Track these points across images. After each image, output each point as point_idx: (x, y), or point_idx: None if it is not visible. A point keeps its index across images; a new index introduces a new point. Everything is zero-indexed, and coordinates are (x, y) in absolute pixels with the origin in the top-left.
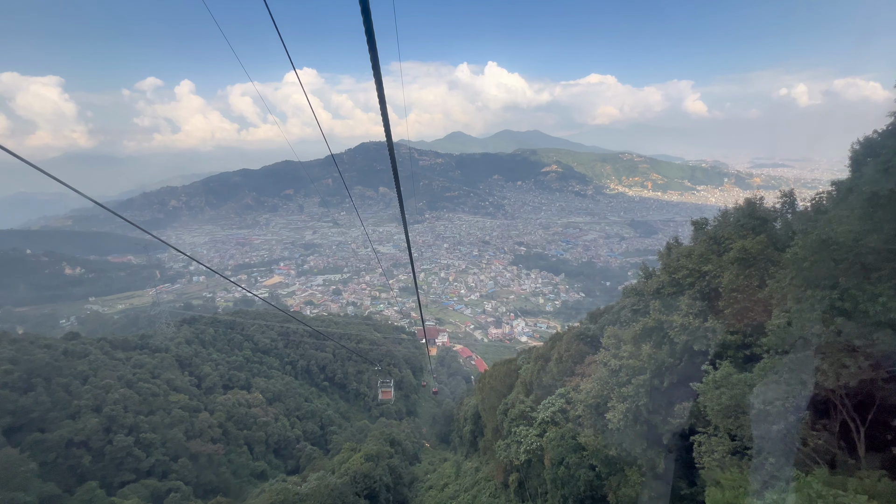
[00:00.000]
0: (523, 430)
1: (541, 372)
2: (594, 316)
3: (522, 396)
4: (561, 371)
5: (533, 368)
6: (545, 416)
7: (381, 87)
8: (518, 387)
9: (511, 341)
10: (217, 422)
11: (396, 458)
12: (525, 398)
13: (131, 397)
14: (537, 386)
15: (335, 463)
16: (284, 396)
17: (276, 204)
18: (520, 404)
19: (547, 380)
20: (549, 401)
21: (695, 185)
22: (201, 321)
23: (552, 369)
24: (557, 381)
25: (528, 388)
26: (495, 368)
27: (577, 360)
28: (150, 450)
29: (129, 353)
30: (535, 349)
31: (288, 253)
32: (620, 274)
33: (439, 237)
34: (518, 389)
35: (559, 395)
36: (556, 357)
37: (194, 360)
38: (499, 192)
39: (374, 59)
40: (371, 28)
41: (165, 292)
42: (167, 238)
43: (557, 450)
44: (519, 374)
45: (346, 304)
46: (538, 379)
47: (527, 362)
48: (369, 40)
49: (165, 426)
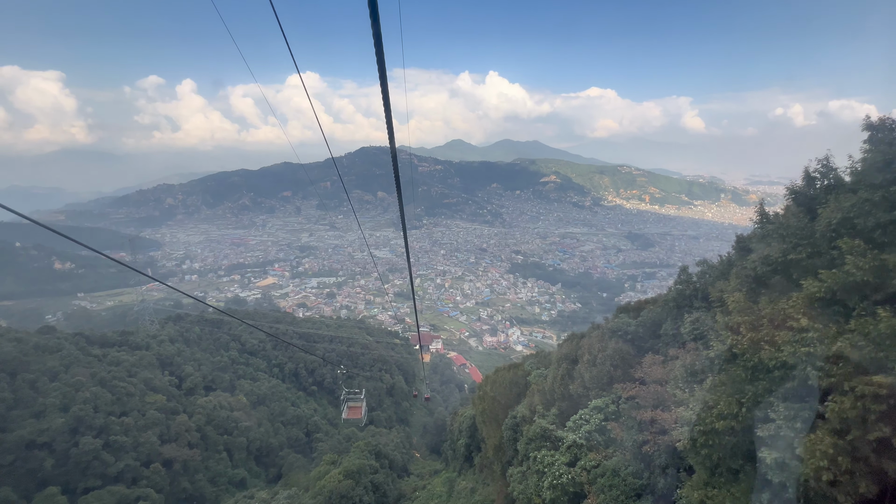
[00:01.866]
0: (547, 457)
1: (565, 378)
2: (629, 310)
3: (541, 408)
4: (595, 377)
5: (554, 373)
6: (577, 437)
7: (387, 93)
8: (531, 396)
9: (506, 350)
10: (196, 425)
11: (381, 473)
12: (546, 411)
13: (103, 396)
14: (561, 396)
15: (311, 478)
16: (270, 400)
17: (274, 205)
18: (540, 419)
19: (576, 388)
20: (582, 416)
21: (692, 199)
22: (187, 319)
23: (582, 374)
24: (591, 389)
25: (548, 398)
26: (498, 375)
27: (617, 364)
28: (120, 454)
29: (107, 350)
30: (552, 351)
31: (283, 254)
32: (617, 285)
33: (436, 243)
34: (532, 400)
35: (595, 408)
36: (586, 359)
37: (176, 360)
38: (497, 200)
39: (381, 65)
40: (379, 34)
41: (156, 290)
42: (161, 236)
43: (612, 493)
44: (528, 382)
45: (340, 308)
46: (562, 387)
47: (537, 367)
48: (377, 46)
49: (139, 429)
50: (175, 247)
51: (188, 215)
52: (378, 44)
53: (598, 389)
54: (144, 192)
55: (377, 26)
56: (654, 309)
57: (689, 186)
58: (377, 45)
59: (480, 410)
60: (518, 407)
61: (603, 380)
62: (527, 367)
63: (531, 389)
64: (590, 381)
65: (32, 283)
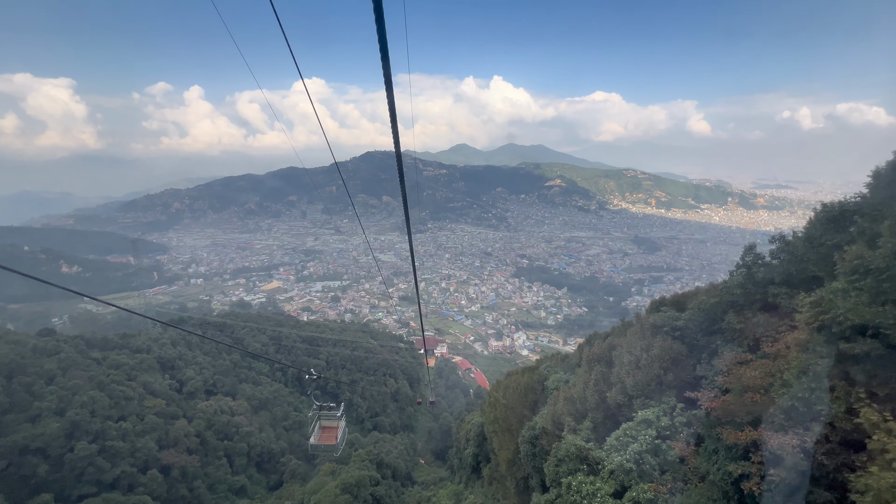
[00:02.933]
0: (585, 484)
1: (599, 384)
2: (665, 304)
3: (570, 421)
4: (640, 382)
5: (584, 378)
6: (624, 459)
7: (392, 98)
8: (553, 405)
9: (512, 354)
10: (195, 430)
11: (383, 485)
12: (577, 424)
13: (101, 400)
14: (595, 406)
15: (307, 491)
16: (272, 405)
17: (280, 210)
18: (571, 435)
19: (615, 396)
20: (627, 431)
21: (698, 203)
22: (190, 322)
23: (622, 379)
24: (634, 397)
25: (578, 408)
26: (511, 380)
27: (667, 366)
28: (117, 459)
29: (107, 353)
30: (571, 354)
31: (288, 258)
32: (624, 289)
33: (441, 247)
34: (555, 409)
35: (643, 422)
36: (626, 360)
37: (178, 363)
38: (502, 204)
39: (387, 70)
40: (384, 40)
41: (161, 294)
42: (168, 240)
43: None
44: (546, 387)
45: (344, 312)
46: (596, 395)
47: (554, 370)
48: (382, 52)
49: (136, 433)
50: (181, 251)
51: (195, 219)
52: (384, 49)
53: (644, 398)
54: (152, 197)
55: (383, 32)
56: (708, 300)
57: (695, 190)
58: (383, 51)
59: (491, 419)
60: (536, 417)
61: (650, 386)
62: (543, 371)
63: (553, 397)
64: (633, 387)
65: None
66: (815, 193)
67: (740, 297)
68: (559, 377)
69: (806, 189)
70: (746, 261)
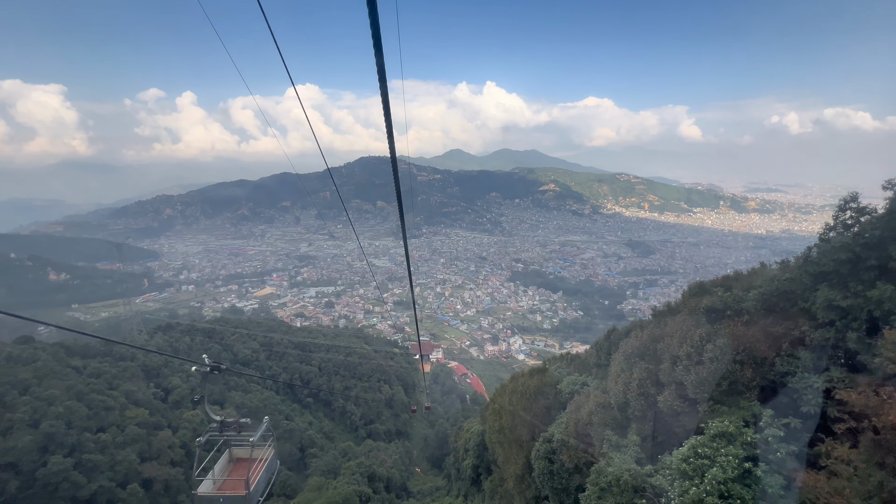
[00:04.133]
0: None
1: (646, 384)
2: (706, 291)
3: (612, 435)
4: (706, 381)
5: (625, 379)
6: (702, 492)
7: (387, 104)
8: (576, 412)
9: (508, 359)
10: (180, 441)
11: (375, 500)
12: (620, 439)
13: (78, 411)
14: (640, 415)
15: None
16: (262, 413)
17: (273, 215)
18: (615, 454)
19: (669, 401)
20: (697, 449)
21: (691, 207)
22: (177, 329)
23: (678, 378)
24: (700, 402)
25: (617, 417)
26: (518, 383)
27: (742, 359)
28: (94, 474)
29: (88, 361)
30: (585, 352)
31: (282, 264)
32: (619, 293)
33: (436, 252)
34: (578, 416)
35: (718, 435)
36: (684, 353)
37: (163, 371)
38: (496, 209)
39: (382, 76)
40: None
41: (152, 301)
42: (160, 246)
43: None
44: (560, 392)
45: (339, 317)
46: (640, 399)
47: (568, 372)
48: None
49: (116, 446)
50: (173, 257)
51: (187, 226)
52: (378, 55)
53: (713, 402)
54: (143, 203)
55: (377, 37)
56: (780, 276)
57: (687, 194)
58: (378, 57)
59: (497, 428)
60: (552, 427)
61: (720, 386)
62: (554, 372)
63: (574, 402)
64: (695, 387)
65: (27, 293)
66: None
67: (843, 266)
68: (574, 380)
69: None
70: (842, 219)
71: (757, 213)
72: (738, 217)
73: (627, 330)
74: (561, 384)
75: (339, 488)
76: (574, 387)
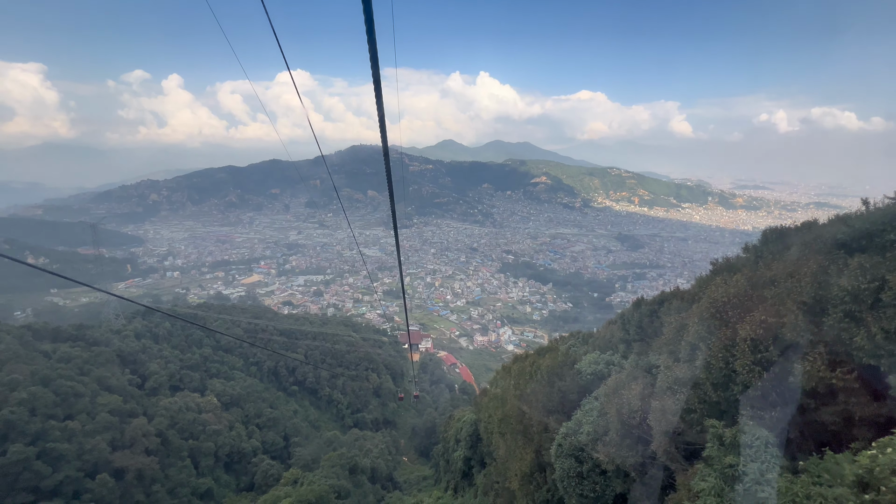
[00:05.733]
0: None
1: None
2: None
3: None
4: None
5: (720, 341)
6: None
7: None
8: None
9: (497, 349)
10: (155, 429)
11: (355, 496)
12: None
13: (43, 397)
14: (760, 389)
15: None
16: (244, 401)
17: (262, 203)
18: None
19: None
20: None
21: (680, 202)
22: (157, 314)
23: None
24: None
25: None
26: (524, 364)
27: None
28: (60, 463)
29: (57, 345)
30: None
31: (270, 252)
32: (608, 285)
33: (427, 242)
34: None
35: None
36: (842, 296)
37: (140, 357)
38: (488, 200)
39: (375, 64)
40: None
41: (135, 286)
42: (144, 232)
43: None
44: (580, 373)
45: (327, 306)
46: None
47: (587, 349)
48: (370, 44)
49: (85, 434)
50: (158, 243)
51: (173, 212)
52: (372, 42)
53: None
54: (127, 188)
55: (371, 25)
56: None
57: (677, 189)
58: (371, 44)
59: (498, 417)
60: (578, 415)
61: None
62: (567, 352)
63: (611, 385)
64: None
65: (3, 278)
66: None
67: None
68: (597, 358)
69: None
70: None
71: (744, 209)
72: (725, 213)
73: (661, 298)
74: (580, 364)
75: (314, 483)
76: (597, 366)
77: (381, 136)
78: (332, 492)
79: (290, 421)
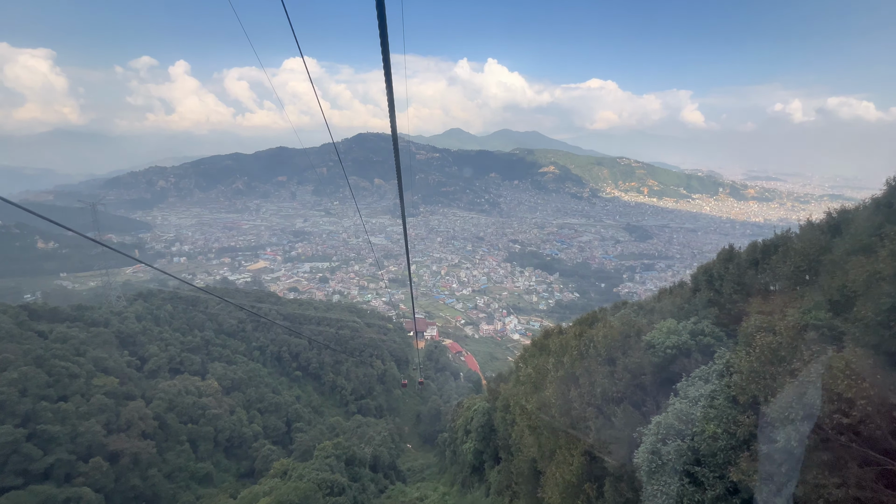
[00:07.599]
0: None
1: None
2: None
3: None
4: None
5: None
6: None
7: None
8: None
9: (503, 338)
10: (153, 413)
11: (350, 492)
12: None
13: (35, 377)
14: None
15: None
16: (246, 386)
17: (268, 190)
18: None
19: None
20: None
21: (690, 193)
22: (159, 296)
23: None
24: None
25: None
26: (566, 338)
27: None
28: (51, 446)
29: (54, 325)
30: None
31: (276, 239)
32: (615, 276)
33: (433, 231)
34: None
35: None
36: None
37: (140, 339)
38: (495, 189)
39: (385, 50)
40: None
41: (142, 272)
42: (152, 218)
43: None
44: (651, 345)
45: (333, 293)
46: None
47: (653, 319)
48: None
49: (79, 416)
50: (165, 229)
51: (180, 198)
52: (382, 26)
53: None
54: (136, 175)
55: (382, 10)
56: None
57: (687, 180)
58: (381, 29)
59: (532, 406)
60: (676, 404)
61: None
62: (630, 316)
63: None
64: None
65: (13, 261)
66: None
67: None
68: (675, 327)
69: (795, 181)
70: None
71: (755, 200)
72: (736, 204)
73: (774, 243)
74: (650, 335)
75: (303, 477)
76: (679, 338)
77: (390, 124)
78: (322, 488)
79: (293, 406)
